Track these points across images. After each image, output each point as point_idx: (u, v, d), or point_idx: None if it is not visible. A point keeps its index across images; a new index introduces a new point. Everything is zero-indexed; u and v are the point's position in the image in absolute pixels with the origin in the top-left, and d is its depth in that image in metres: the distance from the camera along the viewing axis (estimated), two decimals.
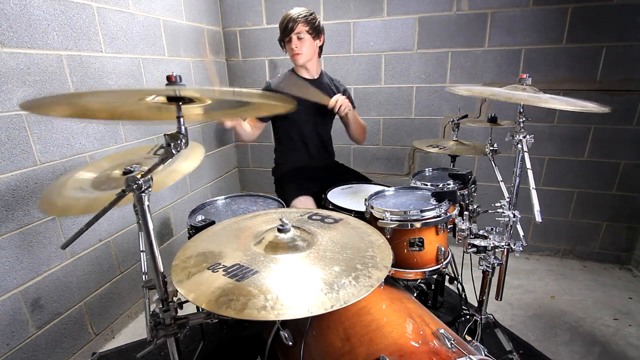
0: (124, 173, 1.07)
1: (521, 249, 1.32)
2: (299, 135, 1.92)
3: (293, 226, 0.94)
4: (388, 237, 1.25)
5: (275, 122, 1.96)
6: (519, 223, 1.31)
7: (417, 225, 1.26)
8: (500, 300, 1.46)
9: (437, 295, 1.86)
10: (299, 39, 1.72)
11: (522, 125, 1.23)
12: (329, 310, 0.67)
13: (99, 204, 0.88)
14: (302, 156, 1.96)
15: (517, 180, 1.29)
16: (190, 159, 1.10)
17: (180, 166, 1.05)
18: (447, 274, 1.81)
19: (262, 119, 1.91)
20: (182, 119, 0.76)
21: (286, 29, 1.72)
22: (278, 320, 1.08)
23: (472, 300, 1.92)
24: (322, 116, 1.93)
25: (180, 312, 0.86)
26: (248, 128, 1.86)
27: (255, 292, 0.71)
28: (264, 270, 0.79)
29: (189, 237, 1.27)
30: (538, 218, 1.12)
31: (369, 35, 2.56)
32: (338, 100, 1.70)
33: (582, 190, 2.50)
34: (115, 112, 0.87)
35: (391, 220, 1.25)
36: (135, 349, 1.84)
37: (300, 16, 1.70)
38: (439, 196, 1.34)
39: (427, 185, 1.63)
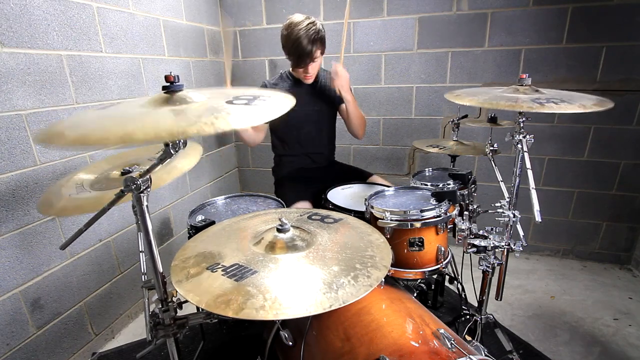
0: (123, 173, 1.07)
1: (521, 249, 1.32)
2: (299, 135, 1.91)
3: (292, 226, 0.94)
4: (388, 236, 1.25)
5: (273, 121, 1.94)
6: (519, 223, 1.31)
7: (417, 225, 1.26)
8: (500, 300, 1.46)
9: (437, 295, 1.86)
10: (313, 61, 1.69)
11: (522, 125, 1.23)
12: (327, 310, 0.67)
13: (96, 203, 0.88)
14: (301, 157, 1.95)
15: (517, 180, 1.29)
16: (189, 157, 1.10)
17: (178, 164, 1.05)
18: (447, 274, 1.81)
19: None
20: None
21: (301, 58, 1.66)
22: (278, 320, 1.08)
23: (472, 300, 1.92)
24: (323, 116, 1.92)
25: (180, 312, 0.86)
26: (250, 129, 1.82)
27: (254, 291, 0.71)
28: (263, 270, 0.79)
29: (189, 237, 1.27)
30: (538, 218, 1.11)
31: (369, 35, 2.56)
32: (338, 72, 1.67)
33: (582, 190, 2.49)
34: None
35: (391, 220, 1.25)
36: (135, 349, 1.84)
37: (314, 40, 1.63)
38: (439, 196, 1.33)
39: (427, 185, 1.63)
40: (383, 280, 0.91)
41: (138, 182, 0.76)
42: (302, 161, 1.96)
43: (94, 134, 0.64)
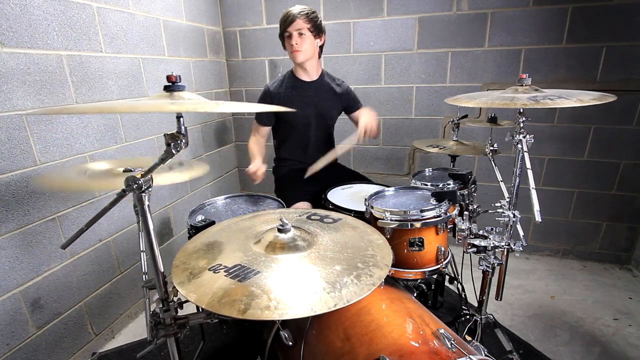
0: (125, 172, 1.07)
1: (521, 249, 1.32)
2: (300, 137, 1.91)
3: (293, 226, 0.94)
4: (388, 237, 1.25)
5: (275, 123, 1.95)
6: (519, 223, 1.31)
7: (417, 225, 1.26)
8: (500, 300, 1.46)
9: (437, 295, 1.86)
10: (300, 35, 1.69)
11: (522, 125, 1.23)
12: (332, 309, 0.67)
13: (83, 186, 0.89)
14: (303, 158, 1.96)
15: (517, 180, 1.29)
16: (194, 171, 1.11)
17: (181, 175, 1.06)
18: (447, 274, 1.81)
19: (264, 124, 1.89)
20: (182, 119, 0.76)
21: (286, 22, 1.69)
22: (278, 320, 1.08)
23: (472, 300, 1.92)
24: (324, 119, 1.92)
25: (180, 312, 0.86)
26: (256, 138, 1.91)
27: (258, 292, 0.71)
28: (266, 270, 0.79)
29: (189, 237, 1.27)
30: (538, 218, 1.12)
31: (369, 35, 2.56)
32: (366, 130, 1.70)
33: (582, 190, 2.50)
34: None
35: (391, 220, 1.25)
36: (135, 349, 1.84)
37: (301, 12, 1.68)
38: (439, 196, 1.33)
39: (427, 185, 1.63)
40: (383, 280, 0.91)
41: (140, 182, 0.76)
42: (302, 162, 1.96)
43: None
